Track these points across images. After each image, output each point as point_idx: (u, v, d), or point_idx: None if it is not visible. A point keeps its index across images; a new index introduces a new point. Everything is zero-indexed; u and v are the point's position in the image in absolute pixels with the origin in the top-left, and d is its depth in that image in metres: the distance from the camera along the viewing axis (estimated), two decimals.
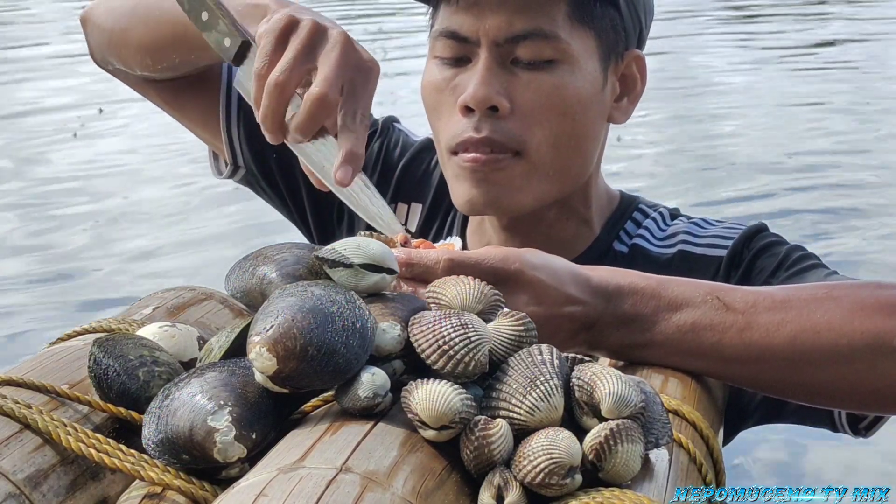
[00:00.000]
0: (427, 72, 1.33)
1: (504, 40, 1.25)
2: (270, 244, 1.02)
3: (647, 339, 1.02)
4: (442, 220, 1.47)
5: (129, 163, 5.32)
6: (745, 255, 1.31)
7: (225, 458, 0.76)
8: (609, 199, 1.41)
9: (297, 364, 0.76)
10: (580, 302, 1.01)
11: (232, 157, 1.48)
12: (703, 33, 9.51)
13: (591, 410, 0.79)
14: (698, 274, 1.30)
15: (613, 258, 1.36)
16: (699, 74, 7.85)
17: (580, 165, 1.32)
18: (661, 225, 1.38)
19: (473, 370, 0.78)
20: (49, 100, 6.97)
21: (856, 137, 6.16)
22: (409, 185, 1.49)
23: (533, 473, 0.74)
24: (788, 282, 1.24)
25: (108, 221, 4.50)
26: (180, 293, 1.10)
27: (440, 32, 1.29)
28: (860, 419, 1.20)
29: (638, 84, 1.36)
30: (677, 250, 1.34)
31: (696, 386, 1.01)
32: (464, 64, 1.28)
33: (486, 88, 1.24)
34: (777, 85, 7.57)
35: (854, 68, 8.15)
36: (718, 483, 0.92)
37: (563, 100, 1.26)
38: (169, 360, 0.90)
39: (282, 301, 0.79)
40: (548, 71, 1.26)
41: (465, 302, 0.86)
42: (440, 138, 1.31)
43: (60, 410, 0.85)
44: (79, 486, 0.82)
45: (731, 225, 1.36)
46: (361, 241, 0.87)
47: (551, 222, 1.35)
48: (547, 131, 1.26)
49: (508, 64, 1.26)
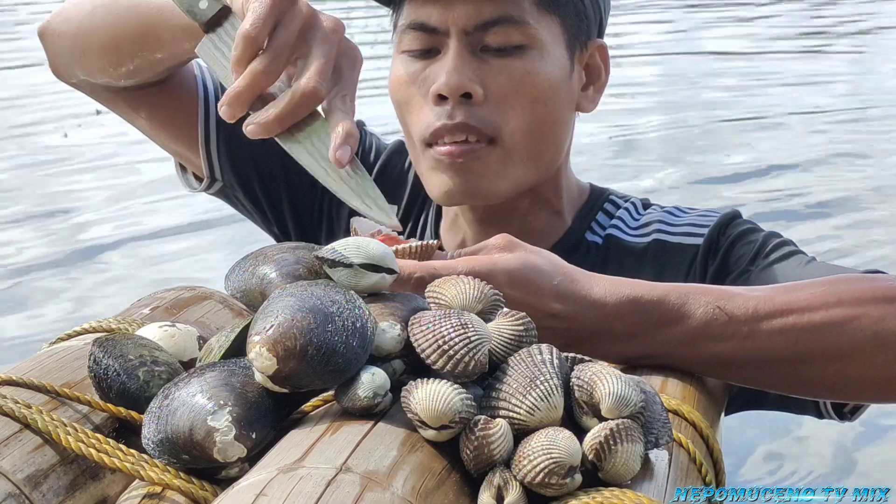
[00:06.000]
0: (394, 68, 1.32)
1: (473, 28, 1.25)
2: (270, 244, 1.02)
3: (650, 352, 1.03)
4: (415, 221, 1.47)
5: (127, 162, 5.33)
6: (721, 242, 1.31)
7: (225, 457, 0.76)
8: (579, 190, 1.42)
9: (297, 364, 0.76)
10: (562, 316, 1.00)
11: (209, 170, 1.46)
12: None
13: (590, 410, 0.79)
14: (674, 263, 1.32)
15: (587, 249, 1.36)
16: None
17: (553, 152, 1.33)
18: (634, 215, 1.39)
19: (473, 370, 0.78)
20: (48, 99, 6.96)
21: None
22: (385, 187, 1.46)
23: (533, 473, 0.74)
24: (768, 270, 1.24)
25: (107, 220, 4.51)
26: (180, 293, 1.10)
27: (408, 26, 1.29)
28: (844, 404, 1.20)
29: (602, 74, 1.37)
30: (652, 239, 1.34)
31: (696, 386, 1.02)
32: (432, 56, 1.28)
33: (459, 76, 1.25)
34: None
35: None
36: (718, 483, 0.92)
37: (534, 85, 1.27)
38: (169, 360, 0.90)
39: (282, 301, 0.79)
40: (518, 57, 1.26)
41: (465, 302, 0.86)
42: (412, 131, 1.31)
43: (60, 410, 0.85)
44: (79, 486, 0.82)
45: (705, 213, 1.36)
46: (361, 241, 0.87)
47: (524, 213, 1.35)
48: (520, 117, 1.27)
49: (478, 52, 1.26)
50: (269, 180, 1.47)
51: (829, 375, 1.05)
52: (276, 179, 1.46)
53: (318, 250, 0.87)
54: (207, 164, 1.45)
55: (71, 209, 4.56)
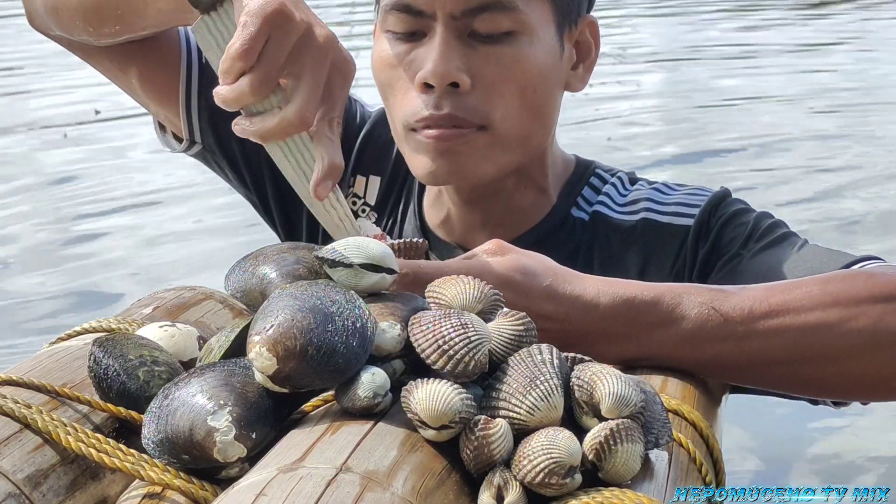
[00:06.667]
0: (378, 47, 1.29)
1: (461, 13, 1.22)
2: (270, 244, 1.02)
3: (645, 354, 1.02)
4: (398, 193, 1.44)
5: (126, 162, 5.33)
6: (712, 223, 1.29)
7: (225, 457, 0.76)
8: (565, 164, 1.39)
9: (297, 364, 0.76)
10: (554, 318, 0.99)
11: (189, 133, 1.42)
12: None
13: (590, 410, 0.79)
14: (664, 243, 1.30)
15: (573, 226, 1.34)
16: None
17: (541, 135, 1.31)
18: (620, 190, 1.36)
19: (473, 370, 0.78)
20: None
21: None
22: (369, 157, 1.45)
23: (533, 473, 0.74)
24: (760, 254, 1.23)
25: (107, 217, 4.51)
26: (180, 293, 1.10)
27: (392, 6, 1.25)
28: None
29: (593, 50, 1.34)
30: (641, 218, 1.32)
31: (696, 386, 1.02)
32: (418, 38, 1.25)
33: (446, 64, 1.21)
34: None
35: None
36: (718, 483, 0.92)
37: (523, 72, 1.25)
38: (169, 360, 0.90)
39: (282, 301, 0.79)
40: (506, 43, 1.24)
41: (464, 301, 0.86)
42: (395, 115, 1.28)
43: (60, 410, 0.85)
44: (79, 486, 0.82)
45: (694, 191, 1.34)
46: (361, 241, 0.87)
47: (510, 193, 1.33)
48: (509, 105, 1.24)
49: (466, 37, 1.23)
50: (250, 150, 1.43)
51: (827, 376, 1.04)
52: (257, 151, 1.39)
53: (318, 250, 0.87)
54: (188, 126, 1.42)
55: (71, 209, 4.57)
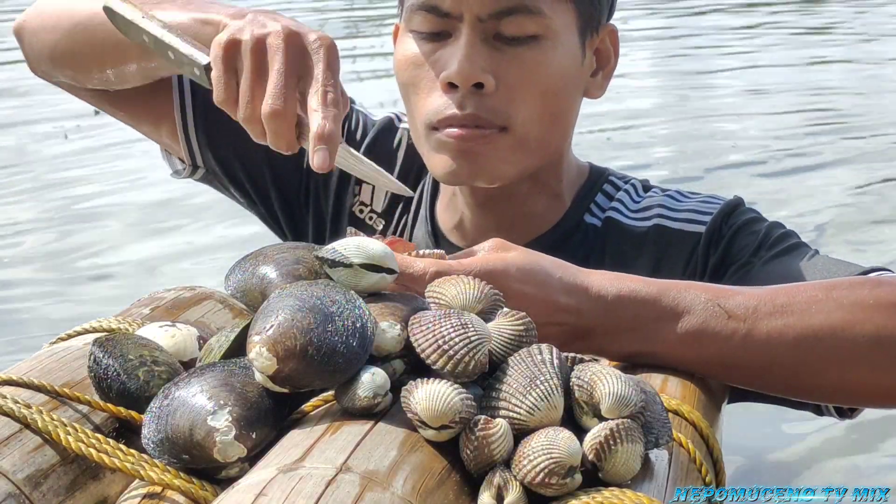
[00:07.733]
0: (403, 46, 1.30)
1: (488, 16, 1.23)
2: (270, 244, 1.02)
3: (649, 349, 1.02)
4: (406, 200, 1.44)
5: (125, 162, 5.32)
6: (724, 231, 1.30)
7: (225, 457, 0.76)
8: (579, 171, 1.40)
9: (297, 364, 0.76)
10: (571, 311, 1.00)
11: (191, 158, 1.46)
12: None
13: (590, 410, 0.79)
14: (675, 250, 1.30)
15: (585, 231, 1.35)
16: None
17: (559, 139, 1.32)
18: (634, 197, 1.37)
19: (473, 370, 0.78)
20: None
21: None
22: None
23: (533, 473, 0.74)
24: (771, 263, 1.23)
25: (105, 220, 4.51)
26: (180, 293, 1.10)
27: (419, 6, 1.26)
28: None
29: (612, 59, 1.35)
30: (653, 224, 1.33)
31: (696, 386, 1.02)
32: (443, 39, 1.26)
33: (471, 65, 1.23)
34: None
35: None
36: (718, 483, 0.92)
37: (546, 76, 1.26)
38: (169, 360, 0.90)
39: (282, 301, 0.79)
40: (531, 47, 1.25)
41: (465, 301, 0.86)
42: (417, 114, 1.29)
43: (60, 410, 0.85)
44: (79, 486, 0.82)
45: (707, 199, 1.35)
46: (361, 241, 0.87)
47: (524, 197, 1.34)
48: (531, 108, 1.25)
49: (491, 39, 1.24)
50: (251, 164, 1.45)
51: (829, 380, 1.04)
52: (258, 163, 1.45)
53: (318, 250, 0.87)
54: (188, 151, 1.45)
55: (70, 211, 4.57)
